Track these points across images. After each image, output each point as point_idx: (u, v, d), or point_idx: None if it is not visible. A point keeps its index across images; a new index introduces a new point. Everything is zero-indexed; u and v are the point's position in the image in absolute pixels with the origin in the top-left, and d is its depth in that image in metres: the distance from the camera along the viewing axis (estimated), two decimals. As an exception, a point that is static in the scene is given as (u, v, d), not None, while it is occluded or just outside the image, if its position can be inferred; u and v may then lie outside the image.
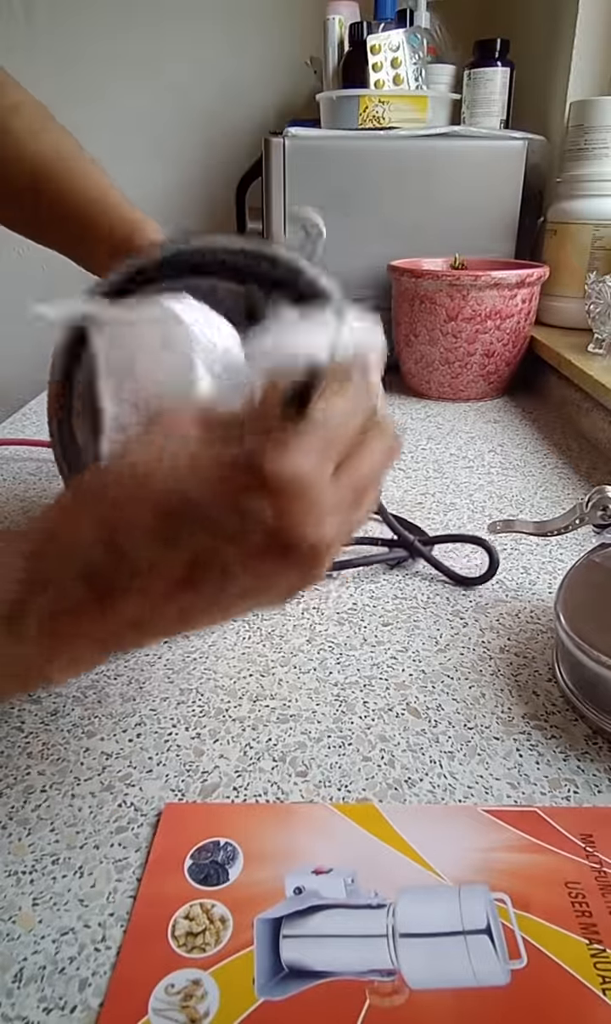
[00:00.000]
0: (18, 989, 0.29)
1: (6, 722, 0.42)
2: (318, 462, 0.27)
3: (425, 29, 1.15)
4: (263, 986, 0.28)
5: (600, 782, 0.38)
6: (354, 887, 0.32)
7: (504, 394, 1.08)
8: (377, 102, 1.07)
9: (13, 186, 0.53)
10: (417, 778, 0.39)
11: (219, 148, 1.52)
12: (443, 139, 1.06)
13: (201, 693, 0.45)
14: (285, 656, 0.49)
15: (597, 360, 0.89)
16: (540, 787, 0.38)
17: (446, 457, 0.84)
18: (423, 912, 0.31)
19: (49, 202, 0.52)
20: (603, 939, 0.30)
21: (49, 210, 0.53)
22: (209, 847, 0.34)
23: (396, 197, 1.07)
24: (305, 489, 0.26)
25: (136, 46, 1.45)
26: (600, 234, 1.01)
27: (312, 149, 1.05)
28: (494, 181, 1.08)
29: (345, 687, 0.46)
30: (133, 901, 0.32)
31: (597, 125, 0.99)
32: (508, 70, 1.14)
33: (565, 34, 1.08)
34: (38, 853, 0.34)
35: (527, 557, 0.61)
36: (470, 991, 0.28)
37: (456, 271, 1.01)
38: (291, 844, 0.34)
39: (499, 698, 0.45)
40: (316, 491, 0.26)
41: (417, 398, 1.07)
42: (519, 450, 0.86)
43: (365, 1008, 0.28)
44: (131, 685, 0.46)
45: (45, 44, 1.44)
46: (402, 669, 0.47)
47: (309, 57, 1.26)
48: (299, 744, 0.41)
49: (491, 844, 0.34)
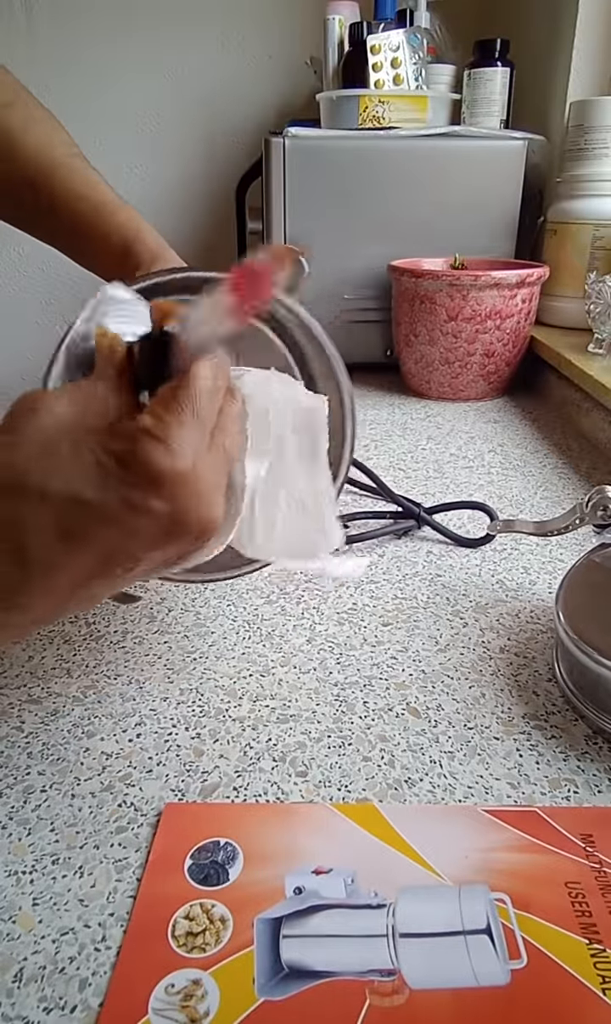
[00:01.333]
0: (18, 989, 0.29)
1: (6, 722, 0.42)
2: (197, 449, 0.28)
3: (425, 29, 1.15)
4: (263, 986, 0.28)
5: (600, 782, 0.38)
6: (354, 887, 0.32)
7: (504, 394, 1.08)
8: (377, 102, 1.07)
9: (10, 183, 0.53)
10: (417, 778, 0.39)
11: (219, 148, 1.52)
12: (443, 139, 1.06)
13: (201, 693, 0.45)
14: (285, 656, 0.49)
15: (597, 360, 0.89)
16: (540, 787, 0.38)
17: (446, 457, 0.84)
18: (423, 912, 0.31)
19: (47, 201, 0.52)
20: (603, 939, 0.30)
21: (47, 209, 0.52)
22: (209, 847, 0.34)
23: (396, 197, 1.08)
24: (193, 478, 0.28)
25: (136, 46, 1.45)
26: (600, 234, 1.01)
27: (312, 149, 1.05)
28: (494, 181, 1.08)
29: (345, 687, 0.46)
30: (133, 901, 0.32)
31: (597, 125, 0.99)
32: (508, 70, 1.14)
33: (565, 34, 1.08)
34: (38, 853, 0.34)
35: (527, 557, 0.61)
36: (470, 991, 0.28)
37: (456, 271, 1.01)
38: (291, 844, 0.34)
39: (499, 698, 0.45)
40: (201, 475, 0.28)
41: (417, 398, 1.07)
42: (519, 450, 0.86)
43: (365, 1008, 0.28)
44: (131, 685, 0.46)
45: (45, 45, 1.44)
46: (402, 669, 0.47)
47: (309, 57, 1.26)
48: (299, 744, 0.41)
49: (491, 844, 0.34)
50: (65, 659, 0.48)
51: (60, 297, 1.65)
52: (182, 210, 1.56)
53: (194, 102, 1.49)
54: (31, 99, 0.55)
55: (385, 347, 1.15)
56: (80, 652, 0.49)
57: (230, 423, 0.31)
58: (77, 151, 0.54)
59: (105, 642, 0.50)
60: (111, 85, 1.47)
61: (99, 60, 1.45)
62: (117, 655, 0.49)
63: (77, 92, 1.46)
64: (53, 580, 0.28)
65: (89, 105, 1.47)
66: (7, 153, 0.52)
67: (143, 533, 0.28)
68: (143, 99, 1.49)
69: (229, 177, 1.42)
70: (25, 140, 0.52)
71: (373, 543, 0.64)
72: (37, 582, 0.28)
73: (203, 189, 1.56)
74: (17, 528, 0.27)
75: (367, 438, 0.90)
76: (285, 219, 1.08)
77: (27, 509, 0.27)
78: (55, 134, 0.54)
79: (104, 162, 0.56)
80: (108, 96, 1.48)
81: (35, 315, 1.68)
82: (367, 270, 1.09)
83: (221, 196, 1.52)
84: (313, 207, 1.07)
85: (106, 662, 0.48)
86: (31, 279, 1.64)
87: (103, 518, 0.27)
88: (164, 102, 1.49)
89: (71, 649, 0.49)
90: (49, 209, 0.52)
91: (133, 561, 0.29)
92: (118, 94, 1.48)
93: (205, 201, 1.56)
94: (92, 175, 0.53)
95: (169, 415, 0.28)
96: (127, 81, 1.47)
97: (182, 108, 1.50)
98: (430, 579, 0.58)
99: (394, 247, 1.08)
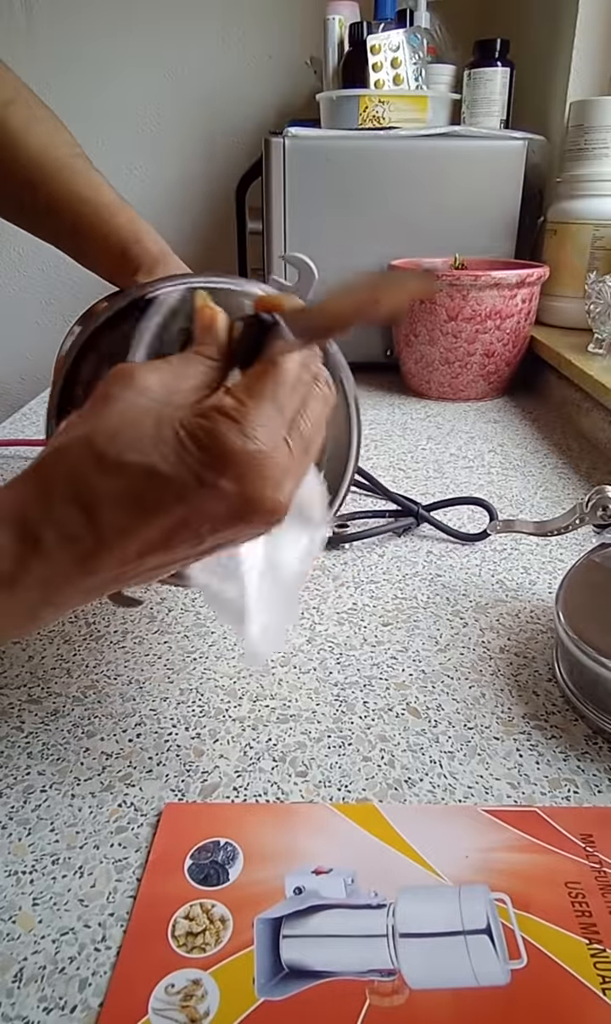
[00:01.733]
0: (18, 989, 0.29)
1: (6, 722, 0.42)
2: (274, 432, 0.29)
3: (425, 29, 1.15)
4: (263, 986, 0.28)
5: (600, 782, 0.38)
6: (354, 887, 0.32)
7: (504, 394, 1.08)
8: (377, 102, 1.07)
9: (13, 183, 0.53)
10: (417, 778, 0.39)
11: (219, 148, 1.52)
12: (443, 139, 1.06)
13: (201, 693, 0.45)
14: (285, 656, 0.49)
15: (597, 360, 0.89)
16: (540, 787, 0.38)
17: (446, 457, 0.84)
18: (423, 912, 0.31)
19: (49, 201, 0.52)
20: (603, 939, 0.30)
21: (49, 209, 0.52)
22: (209, 847, 0.34)
23: (396, 197, 1.08)
24: (263, 461, 0.28)
25: (136, 46, 1.45)
26: (600, 234, 1.01)
27: (312, 149, 1.05)
28: (494, 181, 1.08)
29: (345, 687, 0.46)
30: (133, 901, 0.32)
31: (597, 125, 0.99)
32: (508, 70, 1.14)
33: (565, 34, 1.08)
34: (38, 853, 0.34)
35: (527, 557, 0.61)
36: (470, 991, 0.28)
37: (456, 271, 1.01)
38: (291, 844, 0.34)
39: (499, 698, 0.45)
40: (273, 460, 0.28)
41: (417, 398, 1.07)
42: (519, 450, 0.86)
43: (365, 1008, 0.28)
44: (131, 685, 0.46)
45: (44, 46, 1.45)
46: (402, 669, 0.47)
47: (309, 57, 1.26)
48: (299, 744, 0.41)
49: (491, 844, 0.34)
50: (65, 659, 0.48)
51: (60, 297, 1.65)
52: (182, 210, 1.56)
53: (194, 102, 1.49)
54: (33, 97, 0.55)
55: (385, 347, 1.15)
56: (80, 652, 0.49)
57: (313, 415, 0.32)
58: (79, 151, 0.54)
59: (105, 642, 0.50)
60: (111, 85, 1.48)
61: (99, 60, 1.46)
62: (117, 655, 0.49)
63: (77, 92, 1.46)
64: (123, 547, 0.29)
65: (89, 105, 1.47)
66: (9, 153, 0.52)
67: (210, 511, 0.29)
68: (143, 99, 1.49)
69: (229, 177, 1.42)
70: (27, 140, 0.52)
71: (373, 543, 0.64)
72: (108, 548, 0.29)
73: (203, 189, 1.56)
74: (93, 496, 0.28)
75: (367, 438, 0.90)
76: (285, 219, 1.08)
77: (103, 478, 0.28)
78: (57, 134, 0.54)
79: (105, 162, 0.56)
80: (108, 96, 1.48)
81: (35, 315, 1.68)
82: (367, 270, 1.09)
83: (221, 196, 1.52)
84: (313, 207, 1.07)
85: (106, 662, 0.48)
86: (31, 279, 1.65)
87: (174, 492, 0.28)
88: (164, 102, 1.49)
89: (71, 649, 0.49)
90: (51, 210, 0.52)
91: (198, 538, 0.30)
92: (118, 94, 1.48)
93: (205, 201, 1.56)
94: (94, 176, 0.53)
95: (249, 398, 0.29)
96: (127, 81, 1.48)
97: (182, 108, 1.50)
98: (430, 579, 0.58)
99: (394, 247, 1.08)
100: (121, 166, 1.51)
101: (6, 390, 1.71)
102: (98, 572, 0.30)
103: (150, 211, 0.51)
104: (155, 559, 0.30)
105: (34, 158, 0.52)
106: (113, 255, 0.49)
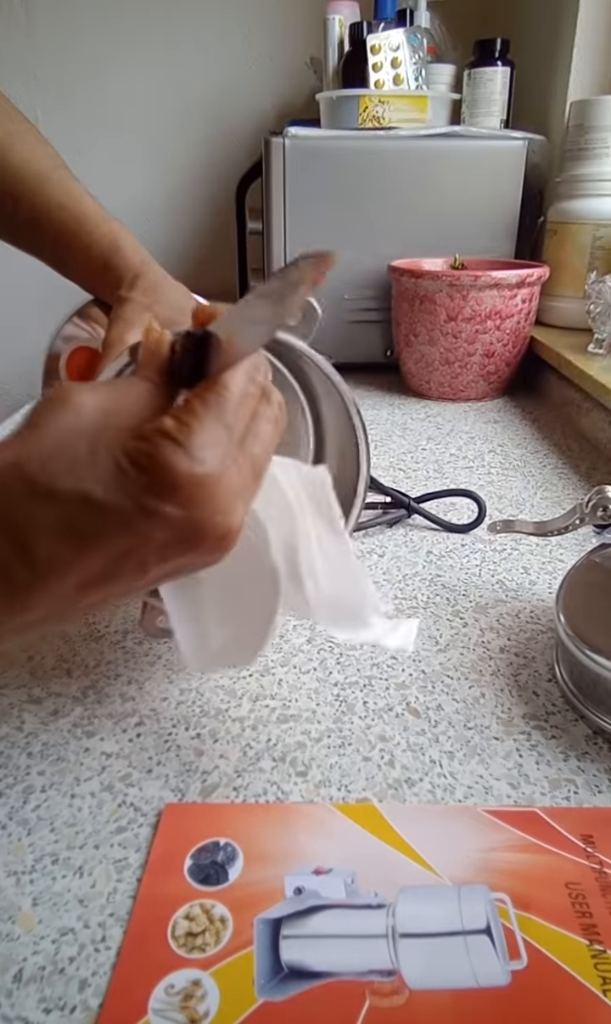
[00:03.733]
0: (18, 989, 0.29)
1: (6, 722, 0.42)
2: (221, 452, 0.27)
3: (425, 29, 1.15)
4: (263, 986, 0.28)
5: (600, 782, 0.38)
6: (354, 887, 0.32)
7: (504, 394, 1.08)
8: (377, 102, 1.07)
9: None
10: (417, 778, 0.39)
11: (219, 148, 1.52)
12: (443, 139, 1.06)
13: (201, 693, 0.45)
14: (285, 656, 0.49)
15: (597, 360, 0.89)
16: (540, 787, 0.38)
17: (446, 457, 0.84)
18: (423, 912, 0.31)
19: (31, 213, 0.52)
20: (603, 939, 0.30)
21: (31, 221, 0.52)
22: (209, 847, 0.34)
23: (396, 197, 1.07)
24: (211, 484, 0.27)
25: (136, 46, 1.45)
26: (600, 234, 1.01)
27: (312, 149, 1.05)
28: (494, 181, 1.08)
29: (345, 687, 0.46)
30: (133, 901, 0.32)
31: (597, 125, 0.99)
32: (508, 70, 1.14)
33: (565, 34, 1.08)
34: (38, 853, 0.34)
35: (527, 557, 0.61)
36: (470, 991, 0.28)
37: (456, 271, 1.01)
38: (291, 844, 0.34)
39: (499, 698, 0.45)
40: (222, 483, 0.27)
41: (417, 398, 1.07)
42: (519, 450, 0.86)
43: (365, 1008, 0.27)
44: (131, 685, 0.46)
45: (44, 46, 1.44)
46: (402, 669, 0.47)
47: (309, 57, 1.26)
48: (299, 744, 0.41)
49: (491, 844, 0.34)
50: (65, 659, 0.48)
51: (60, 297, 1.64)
52: (182, 210, 1.56)
53: (194, 102, 1.49)
54: (14, 111, 0.55)
55: (385, 347, 1.15)
56: (80, 652, 0.49)
57: (263, 429, 0.30)
58: (61, 163, 0.54)
59: (105, 642, 0.50)
60: (111, 85, 1.47)
61: (99, 60, 1.45)
62: (117, 655, 0.49)
63: (77, 92, 1.46)
64: (59, 580, 0.27)
65: (89, 105, 1.47)
66: None
67: (155, 539, 0.27)
68: (143, 100, 1.49)
69: (229, 177, 1.42)
70: (9, 153, 0.52)
71: (374, 544, 0.64)
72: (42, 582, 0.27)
73: (203, 189, 1.55)
74: (23, 526, 0.26)
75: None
76: (285, 219, 1.08)
77: (34, 506, 0.26)
78: (38, 147, 0.54)
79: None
80: (108, 96, 1.48)
81: (35, 315, 1.67)
82: (367, 270, 1.09)
83: (221, 196, 1.52)
84: (313, 207, 1.07)
85: (106, 662, 0.48)
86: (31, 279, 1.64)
87: (113, 520, 0.26)
88: (164, 103, 1.49)
89: (71, 649, 0.49)
90: (33, 222, 0.52)
91: (143, 568, 0.28)
92: (118, 95, 1.48)
93: (205, 201, 1.56)
94: (76, 187, 0.53)
95: (193, 418, 0.27)
96: (127, 82, 1.47)
97: (182, 108, 1.50)
98: (430, 579, 0.58)
99: (394, 247, 1.08)
100: (121, 166, 1.50)
101: (6, 390, 1.71)
102: (33, 608, 0.28)
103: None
104: (98, 593, 0.28)
105: (16, 171, 0.52)
106: (94, 267, 0.49)
